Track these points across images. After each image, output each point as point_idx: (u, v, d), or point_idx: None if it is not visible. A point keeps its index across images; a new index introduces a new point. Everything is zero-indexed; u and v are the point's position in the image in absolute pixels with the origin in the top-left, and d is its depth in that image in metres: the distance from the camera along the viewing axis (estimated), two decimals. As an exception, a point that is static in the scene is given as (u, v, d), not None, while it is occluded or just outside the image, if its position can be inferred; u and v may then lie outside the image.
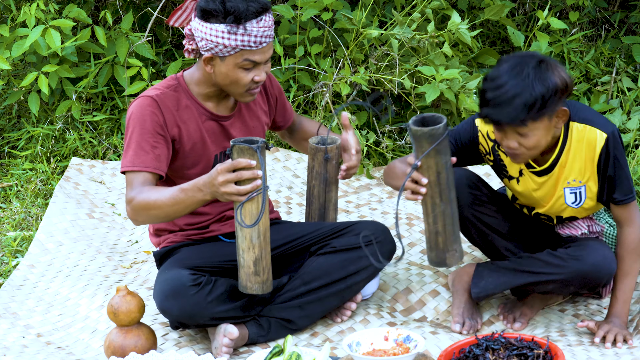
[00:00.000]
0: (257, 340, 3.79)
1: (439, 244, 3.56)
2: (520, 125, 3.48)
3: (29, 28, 5.17)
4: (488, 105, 3.49)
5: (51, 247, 4.61)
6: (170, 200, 3.57)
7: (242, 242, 3.52)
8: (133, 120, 3.71)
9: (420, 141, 3.44)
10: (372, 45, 5.39)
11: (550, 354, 3.38)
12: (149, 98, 3.73)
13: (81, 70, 5.47)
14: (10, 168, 5.42)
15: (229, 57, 3.64)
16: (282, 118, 4.10)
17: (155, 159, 3.67)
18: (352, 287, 3.88)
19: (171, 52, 5.96)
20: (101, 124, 5.54)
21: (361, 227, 3.89)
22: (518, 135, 3.51)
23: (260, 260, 3.54)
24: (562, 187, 3.74)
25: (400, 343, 3.52)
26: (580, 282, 3.72)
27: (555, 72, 3.48)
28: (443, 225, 3.53)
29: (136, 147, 3.67)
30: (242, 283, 3.58)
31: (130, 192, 3.63)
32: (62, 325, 4.05)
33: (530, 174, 3.76)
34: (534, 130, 3.50)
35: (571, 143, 3.66)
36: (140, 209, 3.60)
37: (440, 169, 3.47)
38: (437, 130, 3.42)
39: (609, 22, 6.08)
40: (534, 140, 3.53)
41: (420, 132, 3.43)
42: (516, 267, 3.81)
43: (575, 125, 3.64)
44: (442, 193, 3.50)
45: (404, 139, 5.34)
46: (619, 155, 3.65)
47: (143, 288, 4.23)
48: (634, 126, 5.23)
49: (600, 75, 5.68)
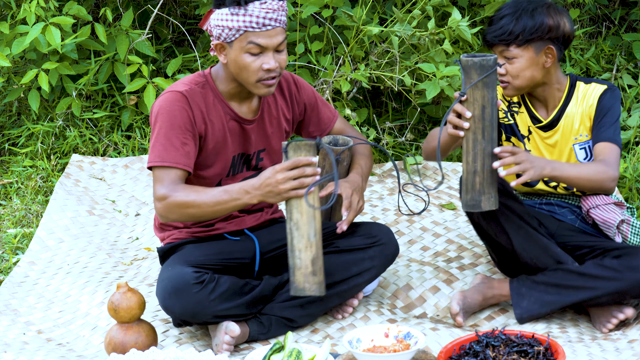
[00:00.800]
0: (258, 337, 3.79)
1: (475, 185, 3.52)
2: (504, 47, 3.79)
3: (29, 25, 5.17)
4: (489, 28, 3.83)
5: (52, 244, 4.62)
6: (212, 200, 3.56)
7: (299, 242, 3.48)
8: (162, 115, 3.67)
9: (469, 72, 3.47)
10: (373, 42, 5.39)
11: (551, 351, 3.38)
12: (179, 93, 3.70)
13: (81, 67, 5.47)
14: (10, 165, 5.42)
15: (235, 41, 3.62)
16: (317, 128, 4.02)
17: (185, 155, 3.65)
18: (354, 288, 3.88)
19: (171, 50, 5.96)
20: (101, 121, 5.54)
21: (364, 228, 3.88)
22: (504, 59, 3.80)
23: (317, 259, 3.50)
24: (572, 143, 3.85)
25: (401, 340, 3.52)
26: (637, 292, 3.68)
27: (551, 14, 3.80)
28: (482, 164, 3.50)
29: (166, 143, 3.64)
30: (299, 285, 3.51)
31: (161, 189, 3.60)
32: (63, 322, 4.05)
33: (537, 130, 3.89)
34: (518, 57, 3.78)
35: (577, 98, 3.85)
36: (175, 206, 3.59)
37: (486, 104, 3.48)
38: (487, 62, 3.46)
39: (610, 19, 6.08)
40: (517, 69, 3.79)
41: (471, 62, 3.47)
42: (560, 283, 3.74)
43: (581, 83, 3.88)
44: (485, 130, 3.49)
45: (404, 136, 5.34)
46: (611, 104, 3.81)
47: (144, 285, 4.23)
48: (634, 123, 5.23)
49: (601, 72, 5.68)
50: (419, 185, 3.51)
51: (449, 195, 4.93)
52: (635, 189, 4.81)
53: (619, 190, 4.79)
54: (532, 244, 3.82)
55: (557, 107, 3.87)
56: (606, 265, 3.69)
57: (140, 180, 5.17)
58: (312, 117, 3.98)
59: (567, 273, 3.75)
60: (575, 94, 3.87)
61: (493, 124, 3.52)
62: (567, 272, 3.75)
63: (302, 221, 3.47)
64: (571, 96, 3.87)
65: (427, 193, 3.65)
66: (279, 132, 3.90)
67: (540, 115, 3.91)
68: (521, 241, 3.82)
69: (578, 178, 3.69)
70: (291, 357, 3.46)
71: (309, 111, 3.97)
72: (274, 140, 3.89)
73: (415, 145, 5.38)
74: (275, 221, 4.04)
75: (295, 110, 3.95)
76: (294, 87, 3.93)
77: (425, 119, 5.57)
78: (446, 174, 5.10)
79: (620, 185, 4.86)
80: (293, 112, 3.94)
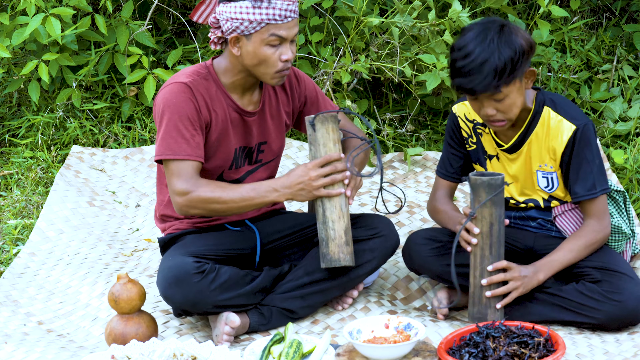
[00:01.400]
0: (258, 328, 3.80)
1: (482, 299, 3.60)
2: (494, 92, 3.52)
3: (29, 16, 5.16)
4: (460, 75, 3.54)
5: (52, 235, 4.62)
6: (238, 197, 3.58)
7: (332, 213, 3.50)
8: (168, 107, 3.66)
9: (477, 191, 3.52)
10: (373, 33, 5.38)
11: (551, 342, 3.38)
12: (182, 84, 3.69)
13: (81, 58, 5.47)
14: (10, 156, 5.42)
15: (255, 34, 3.61)
16: None
17: (197, 147, 3.65)
18: (355, 280, 3.88)
19: (171, 41, 5.96)
20: (102, 112, 5.53)
21: (365, 220, 3.89)
22: (494, 101, 3.57)
23: (348, 230, 3.53)
24: (535, 169, 3.76)
25: (401, 331, 3.53)
26: (617, 324, 3.66)
27: (519, 34, 3.54)
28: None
29: (176, 135, 3.64)
30: (334, 256, 3.53)
31: (181, 184, 3.61)
32: (63, 313, 4.05)
33: (503, 152, 3.80)
34: (508, 94, 3.56)
35: (543, 127, 3.70)
36: (199, 202, 3.60)
37: (494, 221, 3.54)
38: (495, 181, 3.51)
39: (610, 10, 6.07)
40: (509, 103, 3.58)
41: (480, 181, 3.51)
42: (546, 300, 3.72)
43: (549, 110, 3.71)
44: (492, 246, 3.57)
45: (405, 127, 5.34)
46: (585, 149, 3.67)
47: (144, 276, 4.23)
48: (634, 114, 5.23)
49: (602, 63, 5.67)
50: (397, 187, 3.60)
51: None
52: (636, 180, 4.81)
53: (619, 180, 4.79)
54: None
55: (521, 128, 3.72)
56: (586, 294, 3.65)
57: (140, 172, 5.17)
58: (312, 110, 3.98)
59: (552, 295, 3.71)
60: (542, 120, 3.70)
61: (500, 240, 3.58)
62: (551, 294, 3.72)
63: (333, 193, 3.47)
64: (537, 120, 3.71)
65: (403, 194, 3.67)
66: (279, 125, 3.90)
67: (501, 140, 3.79)
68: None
69: (578, 258, 3.70)
70: (291, 348, 3.46)
71: (309, 104, 3.97)
72: (275, 133, 3.88)
73: (415, 136, 5.37)
74: (276, 212, 4.04)
75: (296, 102, 3.94)
76: (295, 80, 3.93)
77: (426, 110, 5.57)
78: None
79: (620, 176, 4.86)
80: (293, 105, 3.94)
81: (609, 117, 5.29)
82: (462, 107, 3.89)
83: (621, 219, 3.89)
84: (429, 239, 3.86)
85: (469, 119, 3.86)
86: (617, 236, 3.86)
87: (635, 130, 5.18)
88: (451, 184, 3.98)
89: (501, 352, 3.33)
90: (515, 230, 3.92)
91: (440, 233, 3.88)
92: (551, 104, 3.72)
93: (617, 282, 3.64)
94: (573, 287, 3.69)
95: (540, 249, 3.86)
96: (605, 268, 3.69)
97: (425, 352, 3.44)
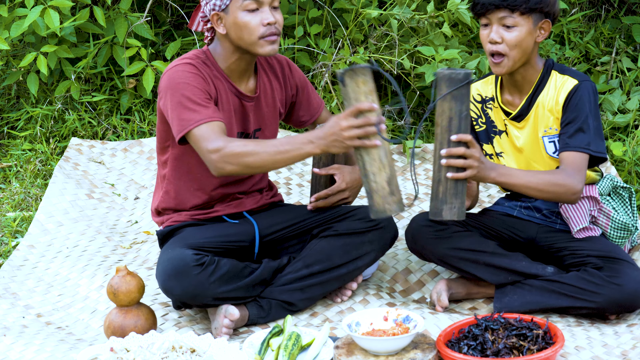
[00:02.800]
0: (258, 321, 3.80)
1: (438, 194, 3.52)
2: (507, 14, 3.63)
3: (28, 8, 5.16)
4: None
5: (51, 227, 4.62)
6: (272, 150, 3.51)
7: (372, 166, 3.43)
8: (178, 84, 3.65)
9: (440, 85, 3.48)
10: (372, 25, 5.38)
11: (550, 334, 3.38)
12: (187, 64, 3.70)
13: (80, 50, 5.46)
14: (9, 148, 5.42)
15: (230, 5, 3.65)
16: (307, 112, 4.04)
17: (215, 110, 3.63)
18: (353, 272, 3.88)
19: (170, 33, 5.95)
20: (100, 104, 5.53)
21: (363, 211, 3.89)
22: (503, 27, 3.65)
23: (393, 179, 3.46)
24: (541, 135, 3.76)
25: (400, 323, 3.53)
26: (616, 309, 3.67)
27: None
28: (445, 174, 3.50)
29: (192, 106, 3.61)
30: (379, 207, 3.46)
31: (213, 142, 3.55)
32: (62, 306, 4.05)
33: (511, 122, 3.81)
34: (518, 26, 3.65)
35: (549, 88, 3.74)
36: (232, 156, 3.53)
37: (453, 115, 3.47)
38: (457, 75, 3.45)
39: (609, 2, 6.07)
40: (517, 38, 3.66)
41: (442, 75, 3.47)
42: (544, 287, 3.73)
43: (555, 73, 3.76)
44: (450, 141, 3.50)
45: (404, 120, 5.34)
46: (585, 103, 3.68)
47: (143, 268, 4.24)
48: (633, 106, 5.23)
49: (600, 55, 5.67)
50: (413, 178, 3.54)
51: (448, 178, 4.93)
52: (635, 172, 4.81)
53: (619, 173, 4.79)
54: (495, 270, 3.81)
55: (528, 93, 3.77)
56: (587, 279, 3.66)
57: (139, 164, 5.17)
58: (303, 100, 4.00)
59: (551, 282, 3.73)
60: (548, 83, 3.76)
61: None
62: (551, 280, 3.73)
63: (368, 143, 3.44)
64: (544, 84, 3.76)
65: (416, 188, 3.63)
66: (273, 113, 3.91)
67: (509, 108, 3.82)
68: (483, 272, 3.83)
69: (527, 187, 3.61)
70: (290, 340, 3.47)
71: (300, 94, 3.99)
72: (269, 121, 3.90)
73: (414, 128, 5.37)
74: (275, 205, 4.04)
75: (289, 91, 3.96)
76: (287, 69, 3.95)
77: (424, 102, 5.56)
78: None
79: (619, 168, 4.86)
80: (286, 94, 3.96)
81: (608, 110, 5.29)
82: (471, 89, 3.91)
83: (626, 216, 3.89)
84: (433, 221, 3.85)
85: (477, 100, 3.89)
86: (622, 232, 3.85)
87: (634, 122, 5.18)
88: None
89: (500, 345, 3.33)
90: (519, 220, 3.93)
91: None
92: (558, 68, 3.79)
93: (618, 267, 3.66)
94: (574, 274, 3.70)
95: (542, 241, 3.86)
96: (606, 256, 3.70)
97: (424, 344, 3.45)
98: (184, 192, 3.86)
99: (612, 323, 3.71)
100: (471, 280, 3.92)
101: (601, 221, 3.85)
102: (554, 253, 3.84)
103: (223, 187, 3.88)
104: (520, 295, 3.76)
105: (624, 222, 3.83)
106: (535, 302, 3.74)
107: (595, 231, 3.83)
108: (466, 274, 3.85)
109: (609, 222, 3.84)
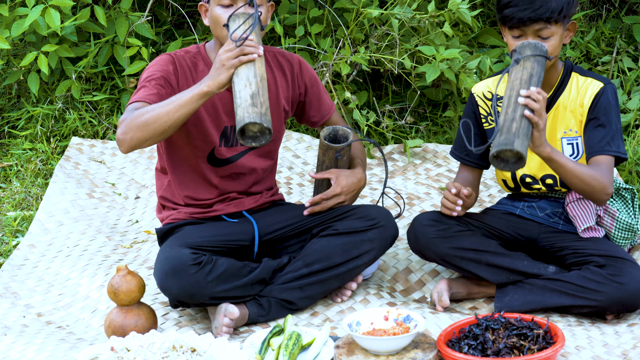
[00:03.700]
0: (258, 320, 3.80)
1: (511, 129, 3.42)
2: (544, 25, 3.60)
3: (29, 7, 5.16)
4: (515, 5, 3.60)
5: (51, 226, 4.62)
6: (166, 102, 3.54)
7: (238, 85, 3.48)
8: (145, 72, 3.75)
9: (524, 49, 3.55)
10: (373, 24, 5.38)
11: (550, 334, 3.38)
12: (166, 55, 3.79)
13: (81, 49, 5.46)
14: (10, 148, 5.42)
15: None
16: (317, 113, 4.04)
17: (158, 96, 3.66)
18: (353, 271, 3.88)
19: (171, 32, 5.95)
20: (101, 103, 5.53)
21: (363, 210, 3.89)
22: (539, 38, 3.62)
23: (257, 96, 3.47)
24: (560, 136, 3.76)
25: (400, 323, 3.53)
26: (618, 307, 3.67)
27: None
28: (521, 114, 3.45)
29: (141, 88, 3.68)
30: (239, 118, 3.44)
31: (120, 119, 3.62)
32: (63, 305, 4.05)
33: None
34: (554, 35, 3.63)
35: (570, 90, 3.74)
36: (130, 120, 3.55)
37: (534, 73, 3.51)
38: (542, 47, 3.54)
39: (610, 1, 6.07)
40: (553, 47, 3.64)
41: (526, 43, 3.56)
42: (546, 286, 3.73)
43: (576, 75, 3.77)
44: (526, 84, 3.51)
45: (404, 119, 5.34)
46: (611, 106, 3.70)
47: (143, 268, 4.24)
48: (634, 106, 5.22)
49: (601, 55, 5.67)
50: (397, 192, 3.59)
51: (448, 178, 4.93)
52: (635, 172, 4.81)
53: (619, 173, 4.78)
54: (497, 270, 3.81)
55: (549, 93, 3.76)
56: (589, 277, 3.66)
57: (140, 163, 5.17)
58: (314, 101, 3.98)
59: (553, 281, 3.73)
60: (569, 85, 3.76)
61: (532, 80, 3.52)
62: (553, 279, 3.73)
63: (240, 68, 3.49)
64: (565, 85, 3.77)
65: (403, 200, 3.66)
66: (276, 110, 3.90)
67: None
68: (485, 271, 3.83)
69: (572, 173, 3.58)
70: (291, 340, 3.47)
71: (310, 94, 3.97)
72: (272, 118, 3.87)
73: (415, 128, 5.37)
74: (275, 204, 4.04)
75: (296, 90, 3.95)
76: (297, 68, 3.94)
77: (425, 101, 5.56)
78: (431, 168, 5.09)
79: (620, 168, 4.85)
80: (293, 92, 3.94)
81: (609, 109, 5.29)
82: (480, 86, 3.93)
83: (629, 217, 3.89)
84: (435, 220, 3.85)
85: (487, 97, 3.88)
86: (626, 233, 3.85)
87: (634, 122, 5.18)
88: (470, 171, 3.99)
89: (500, 344, 3.33)
90: (521, 220, 3.92)
91: (447, 215, 3.87)
92: (579, 70, 3.80)
93: (620, 266, 3.66)
94: (576, 272, 3.70)
95: (543, 242, 3.86)
96: (609, 255, 3.70)
97: (425, 344, 3.45)
98: (187, 182, 3.86)
99: (612, 323, 3.71)
100: (472, 279, 3.92)
101: (606, 221, 3.86)
102: (555, 253, 3.84)
103: (223, 178, 3.87)
104: (521, 294, 3.76)
105: (628, 223, 3.84)
106: (536, 301, 3.74)
107: (599, 232, 3.83)
108: (468, 273, 3.85)
109: (613, 222, 3.85)
